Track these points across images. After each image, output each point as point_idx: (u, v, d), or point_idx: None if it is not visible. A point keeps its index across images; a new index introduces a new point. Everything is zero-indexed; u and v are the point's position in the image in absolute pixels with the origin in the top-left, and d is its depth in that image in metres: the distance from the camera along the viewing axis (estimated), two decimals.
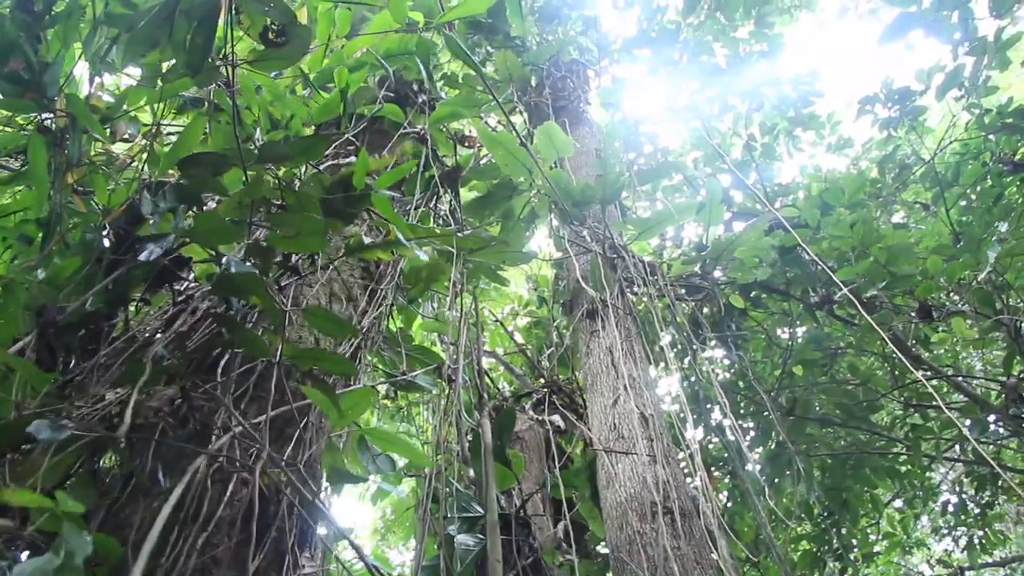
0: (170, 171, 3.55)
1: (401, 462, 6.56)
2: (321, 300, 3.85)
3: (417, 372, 4.51)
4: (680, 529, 3.34)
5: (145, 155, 3.50)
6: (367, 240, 4.24)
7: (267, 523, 2.57)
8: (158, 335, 3.21)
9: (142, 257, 2.98)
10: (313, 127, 4.86)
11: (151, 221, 3.05)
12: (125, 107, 3.45)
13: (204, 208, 3.01)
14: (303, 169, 4.15)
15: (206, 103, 3.61)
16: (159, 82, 3.08)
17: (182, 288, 3.68)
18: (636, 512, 3.50)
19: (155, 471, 2.58)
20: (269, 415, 2.62)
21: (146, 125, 3.67)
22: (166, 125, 3.86)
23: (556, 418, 5.16)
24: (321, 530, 2.94)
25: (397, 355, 4.70)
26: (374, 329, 4.26)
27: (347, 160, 4.76)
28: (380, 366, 4.82)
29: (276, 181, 3.17)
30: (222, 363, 2.87)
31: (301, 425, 2.95)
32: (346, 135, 5.06)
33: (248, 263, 2.83)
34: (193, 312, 3.41)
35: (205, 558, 2.41)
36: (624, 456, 3.75)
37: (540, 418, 5.17)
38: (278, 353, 2.64)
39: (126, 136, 3.58)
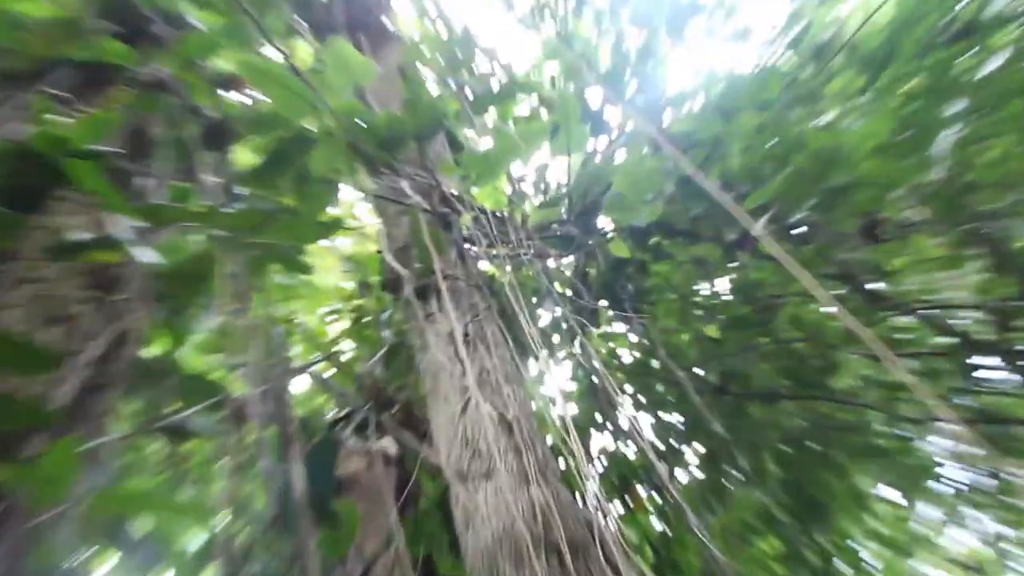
0: None
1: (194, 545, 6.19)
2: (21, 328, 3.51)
3: (190, 410, 4.23)
4: (573, 570, 3.18)
5: None
6: (84, 236, 3.90)
7: None
8: None
9: None
10: None
11: None
12: None
13: None
14: None
15: None
16: None
17: None
18: (509, 557, 3.30)
19: None
20: None
21: None
22: None
23: (385, 443, 4.93)
24: None
25: (163, 390, 4.40)
26: (115, 360, 3.94)
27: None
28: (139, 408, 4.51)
29: None
30: None
31: None
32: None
33: None
34: None
35: None
36: (485, 480, 3.57)
37: (365, 447, 4.94)
38: None
39: None
